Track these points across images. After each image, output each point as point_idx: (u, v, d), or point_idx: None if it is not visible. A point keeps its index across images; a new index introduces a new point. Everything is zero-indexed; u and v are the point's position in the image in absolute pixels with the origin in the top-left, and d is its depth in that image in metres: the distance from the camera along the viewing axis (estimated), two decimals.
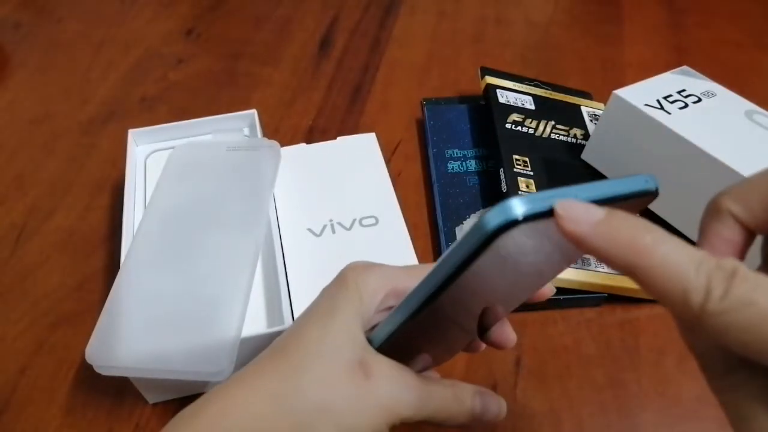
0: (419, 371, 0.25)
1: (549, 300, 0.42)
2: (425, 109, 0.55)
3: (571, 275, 0.40)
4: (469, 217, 0.46)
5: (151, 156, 0.48)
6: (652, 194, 0.18)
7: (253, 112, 0.49)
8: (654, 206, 0.45)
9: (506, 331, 0.27)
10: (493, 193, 0.48)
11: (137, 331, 0.34)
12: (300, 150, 0.50)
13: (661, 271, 0.14)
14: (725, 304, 0.13)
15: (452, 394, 0.24)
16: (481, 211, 0.15)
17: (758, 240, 0.18)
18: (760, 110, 0.46)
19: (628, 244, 0.14)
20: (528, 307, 0.42)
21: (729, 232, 0.17)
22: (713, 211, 0.17)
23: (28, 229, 0.48)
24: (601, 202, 0.16)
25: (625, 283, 0.41)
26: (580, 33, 0.70)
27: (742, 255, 0.17)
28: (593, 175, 0.49)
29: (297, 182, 0.47)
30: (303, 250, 0.42)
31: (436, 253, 0.46)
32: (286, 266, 0.40)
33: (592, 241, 0.15)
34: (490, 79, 0.53)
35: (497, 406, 0.25)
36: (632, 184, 0.17)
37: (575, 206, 0.15)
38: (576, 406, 0.38)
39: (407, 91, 0.61)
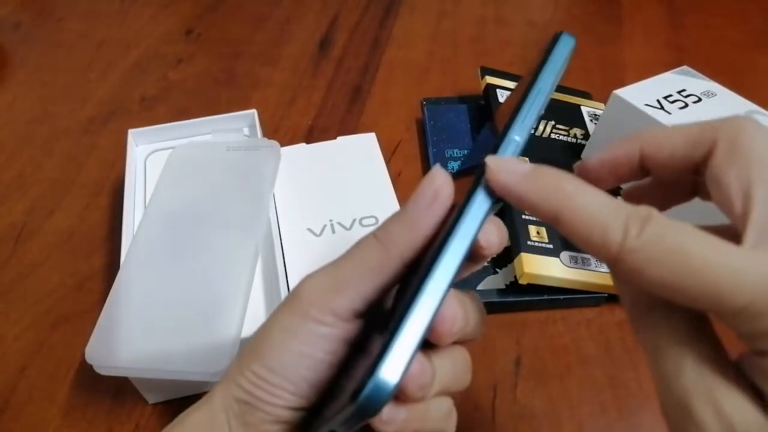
0: None
1: (549, 300, 0.42)
2: (425, 109, 0.55)
3: (570, 275, 0.40)
4: None
5: (151, 156, 0.48)
6: (573, 46, 0.20)
7: (253, 112, 0.49)
8: None
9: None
10: None
11: (137, 331, 0.34)
12: (300, 150, 0.50)
13: (584, 213, 0.16)
14: (641, 241, 0.15)
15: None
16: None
17: None
18: (760, 110, 0.46)
19: (554, 191, 0.16)
20: (528, 307, 0.42)
21: (626, 157, 0.19)
22: (627, 140, 0.19)
23: (28, 229, 0.48)
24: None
25: None
26: (580, 33, 0.70)
27: (622, 181, 0.20)
28: None
29: (297, 182, 0.47)
30: (303, 250, 0.42)
31: None
32: (286, 266, 0.40)
33: (521, 189, 0.17)
34: (490, 79, 0.53)
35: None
36: (557, 63, 0.20)
37: (505, 161, 0.17)
38: (576, 406, 0.38)
39: (407, 91, 0.61)
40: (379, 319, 0.22)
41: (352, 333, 0.21)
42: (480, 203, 0.18)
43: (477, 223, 0.18)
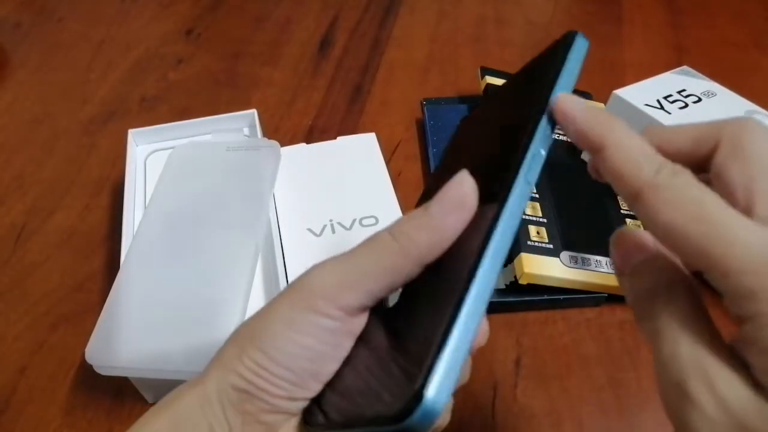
0: None
1: (549, 300, 0.42)
2: (425, 109, 0.55)
3: (570, 275, 0.40)
4: None
5: (151, 156, 0.48)
6: (587, 48, 0.21)
7: (253, 112, 0.49)
8: None
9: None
10: None
11: (137, 331, 0.34)
12: (300, 150, 0.50)
13: (626, 147, 0.18)
14: (667, 182, 0.16)
15: None
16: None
17: None
18: (760, 110, 0.46)
19: (606, 124, 0.18)
20: (528, 307, 0.42)
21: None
22: (646, 131, 0.20)
23: (28, 229, 0.48)
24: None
25: None
26: None
27: None
28: None
29: (297, 182, 0.47)
30: (303, 250, 0.42)
31: None
32: (286, 266, 0.40)
33: (581, 117, 0.19)
34: (490, 79, 0.53)
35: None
36: (575, 63, 0.21)
37: (571, 97, 0.19)
38: (576, 406, 0.38)
39: (407, 91, 0.61)
40: (382, 311, 0.21)
41: (356, 327, 0.21)
42: (521, 185, 0.19)
43: (519, 215, 0.19)
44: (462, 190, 0.19)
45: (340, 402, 0.20)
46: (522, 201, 0.19)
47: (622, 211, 0.46)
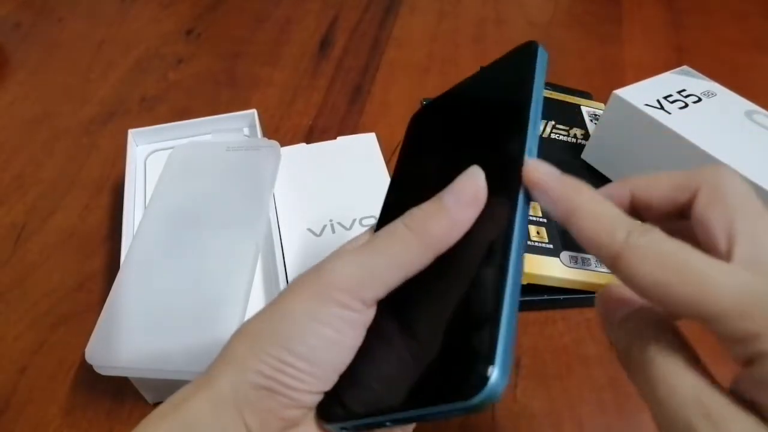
0: None
1: (549, 300, 0.42)
2: None
3: (571, 275, 0.40)
4: None
5: (151, 156, 0.48)
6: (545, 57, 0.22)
7: (253, 111, 0.49)
8: None
9: None
10: None
11: (137, 331, 0.34)
12: (300, 150, 0.50)
13: (597, 214, 0.18)
14: (641, 241, 0.17)
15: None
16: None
17: None
18: (760, 110, 0.46)
19: (575, 193, 0.19)
20: (528, 307, 0.42)
21: (619, 199, 0.21)
22: (619, 183, 0.21)
23: (28, 229, 0.48)
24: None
25: None
26: (580, 33, 0.70)
27: None
28: (593, 174, 0.49)
29: (297, 182, 0.47)
30: (303, 250, 0.42)
31: None
32: (286, 266, 0.40)
33: (552, 186, 0.19)
34: None
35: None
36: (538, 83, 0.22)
37: (538, 163, 0.20)
38: (576, 406, 0.38)
39: (407, 91, 0.61)
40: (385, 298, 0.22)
41: (371, 318, 0.21)
42: (523, 201, 0.20)
43: (526, 214, 0.20)
44: (477, 185, 0.20)
45: (361, 393, 0.21)
46: (527, 206, 0.20)
47: None
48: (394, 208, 0.25)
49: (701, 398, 0.16)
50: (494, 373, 0.17)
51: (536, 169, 0.20)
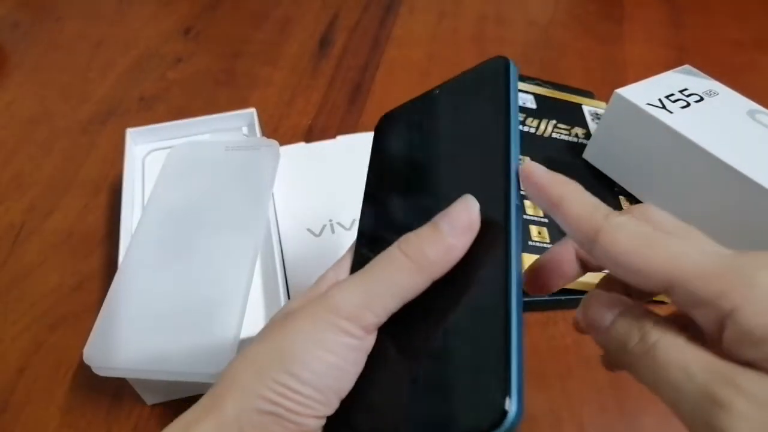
0: None
1: (550, 300, 0.42)
2: None
3: None
4: None
5: (149, 155, 0.48)
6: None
7: (252, 111, 0.49)
8: (656, 204, 0.45)
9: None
10: None
11: (135, 332, 0.34)
12: (299, 149, 0.50)
13: (581, 199, 0.20)
14: (621, 218, 0.19)
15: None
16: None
17: None
18: (762, 109, 0.46)
19: (563, 186, 0.21)
20: (529, 307, 0.42)
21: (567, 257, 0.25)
22: (562, 243, 0.25)
23: (27, 229, 0.48)
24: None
25: None
26: (581, 32, 0.70)
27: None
28: (594, 174, 0.49)
29: (296, 182, 0.46)
30: (302, 250, 0.42)
31: None
32: (286, 266, 0.40)
33: (544, 181, 0.21)
34: None
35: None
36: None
37: (535, 165, 0.22)
38: (576, 407, 0.37)
39: (407, 91, 0.60)
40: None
41: (372, 343, 0.22)
42: (516, 206, 0.21)
43: (520, 223, 0.21)
44: (471, 215, 0.21)
45: (369, 419, 0.21)
46: (520, 219, 0.21)
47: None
48: (377, 224, 0.25)
49: (717, 368, 0.16)
50: (512, 406, 0.17)
51: (531, 170, 0.22)
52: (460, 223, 0.21)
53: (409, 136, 0.28)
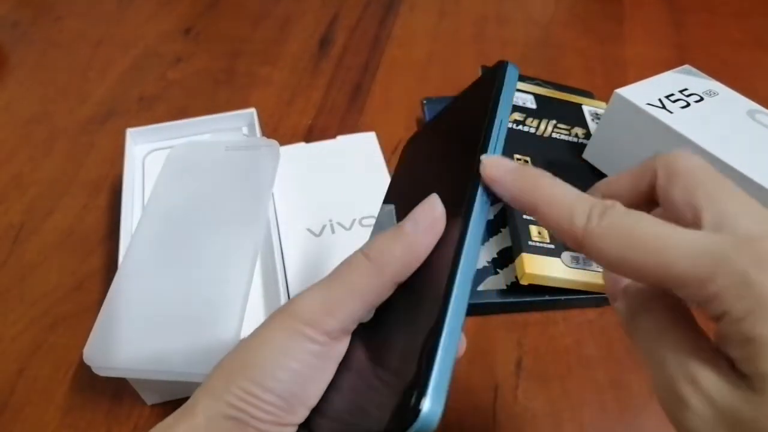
0: None
1: (550, 300, 0.42)
2: (426, 108, 0.55)
3: (572, 275, 0.40)
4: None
5: (149, 155, 0.47)
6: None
7: (252, 111, 0.49)
8: None
9: None
10: None
11: (135, 332, 0.34)
12: (299, 149, 0.50)
13: (556, 201, 0.19)
14: (601, 225, 0.17)
15: None
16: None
17: None
18: (762, 109, 0.46)
19: (533, 184, 0.19)
20: (529, 307, 0.42)
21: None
22: (589, 190, 0.22)
23: (26, 229, 0.48)
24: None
25: None
26: (581, 31, 0.70)
27: None
28: (595, 174, 0.49)
29: (296, 182, 0.46)
30: (302, 250, 0.42)
31: None
32: (286, 266, 0.40)
33: (506, 181, 0.20)
34: None
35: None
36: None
37: (496, 159, 0.20)
38: (577, 407, 0.37)
39: (407, 90, 0.61)
40: (360, 330, 0.22)
41: (340, 350, 0.22)
42: (480, 205, 0.20)
43: (481, 232, 0.20)
44: (434, 214, 0.21)
45: (332, 425, 0.21)
46: (482, 217, 0.20)
47: None
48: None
49: (684, 363, 0.17)
50: (426, 405, 0.17)
51: (492, 165, 0.20)
52: (422, 221, 0.21)
53: (421, 146, 0.29)
